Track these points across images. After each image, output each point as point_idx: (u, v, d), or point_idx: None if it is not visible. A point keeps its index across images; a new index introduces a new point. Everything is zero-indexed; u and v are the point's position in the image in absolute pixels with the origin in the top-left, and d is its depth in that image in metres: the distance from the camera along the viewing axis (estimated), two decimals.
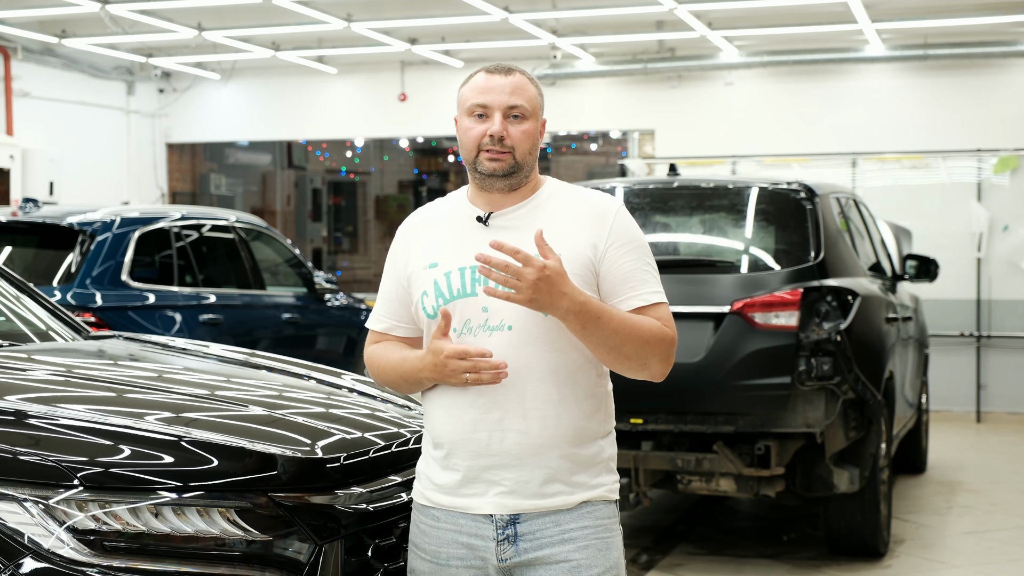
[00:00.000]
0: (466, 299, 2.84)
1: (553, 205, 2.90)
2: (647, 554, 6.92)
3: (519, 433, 2.81)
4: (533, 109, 2.90)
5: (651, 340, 2.79)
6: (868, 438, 6.50)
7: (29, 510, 2.72)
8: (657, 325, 2.82)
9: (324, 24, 12.15)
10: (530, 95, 2.90)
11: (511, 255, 2.66)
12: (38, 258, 7.89)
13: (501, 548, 2.82)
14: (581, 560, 2.81)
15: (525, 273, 2.65)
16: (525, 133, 2.87)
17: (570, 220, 2.87)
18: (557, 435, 2.81)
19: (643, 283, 2.85)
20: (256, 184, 17.47)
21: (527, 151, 2.88)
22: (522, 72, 2.93)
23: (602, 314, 2.74)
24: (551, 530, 2.82)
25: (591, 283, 2.83)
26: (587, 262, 2.83)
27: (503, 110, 2.86)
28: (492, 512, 2.82)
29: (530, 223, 2.85)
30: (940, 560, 6.84)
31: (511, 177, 2.87)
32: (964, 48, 12.34)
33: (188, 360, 4.10)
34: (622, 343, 2.77)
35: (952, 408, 12.45)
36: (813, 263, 6.46)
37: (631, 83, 13.95)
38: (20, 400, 3.15)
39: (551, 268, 2.66)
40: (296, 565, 2.87)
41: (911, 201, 12.60)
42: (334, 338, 9.86)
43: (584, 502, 2.84)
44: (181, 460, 2.88)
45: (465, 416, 2.84)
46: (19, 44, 13.34)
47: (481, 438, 2.82)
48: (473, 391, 2.81)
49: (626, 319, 2.78)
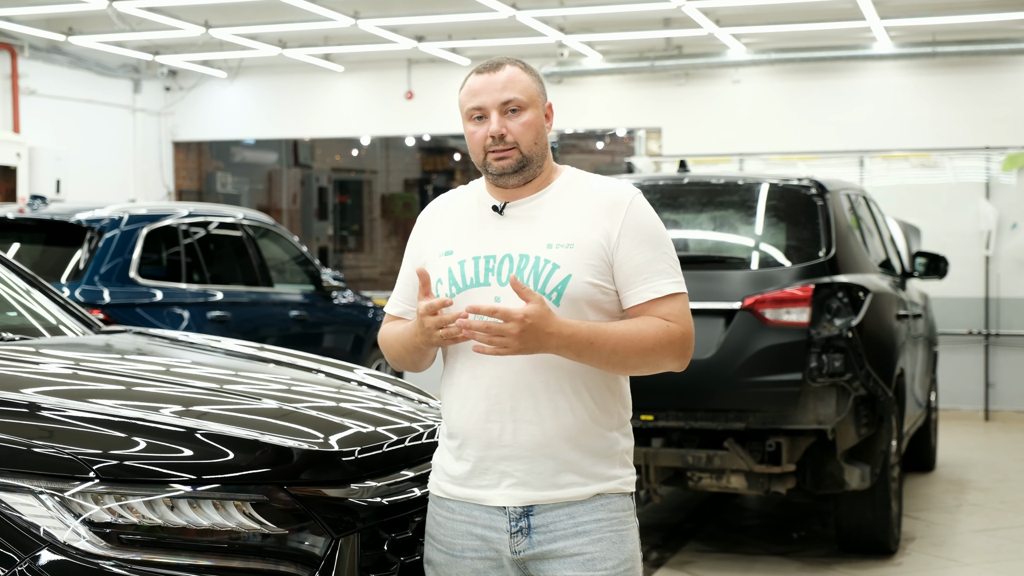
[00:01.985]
0: (479, 288, 2.83)
1: (569, 194, 2.88)
2: (657, 551, 6.90)
3: (531, 424, 2.79)
4: (530, 98, 2.85)
5: (655, 347, 2.76)
6: (879, 435, 6.48)
7: (45, 503, 2.70)
8: (662, 327, 2.78)
9: (331, 22, 12.15)
10: (523, 85, 2.86)
11: (489, 315, 2.63)
12: (46, 255, 7.88)
13: (515, 540, 2.81)
14: (595, 553, 2.79)
15: (507, 329, 2.63)
16: (525, 125, 2.84)
17: (584, 210, 2.84)
18: (569, 427, 2.79)
19: (656, 275, 2.81)
20: (262, 182, 17.47)
21: (531, 141, 2.85)
22: (514, 63, 2.89)
23: (596, 338, 2.71)
24: (565, 522, 2.80)
25: (605, 274, 2.80)
26: (600, 252, 2.80)
27: (498, 107, 2.83)
28: (505, 504, 2.81)
29: (545, 213, 2.84)
30: (951, 558, 6.81)
31: (522, 172, 2.85)
32: (973, 45, 12.31)
33: (200, 354, 4.09)
34: (624, 358, 2.75)
35: (961, 406, 12.42)
36: (824, 259, 6.44)
37: (638, 81, 13.94)
38: (34, 393, 3.13)
39: (532, 315, 2.63)
40: (312, 558, 2.85)
41: (919, 199, 12.56)
42: (341, 335, 9.84)
43: (598, 494, 2.82)
44: (196, 453, 2.87)
45: (478, 406, 2.83)
46: (26, 42, 13.34)
47: (493, 428, 2.81)
48: (487, 382, 2.80)
49: (624, 334, 2.74)
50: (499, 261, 2.82)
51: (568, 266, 2.78)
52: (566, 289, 2.78)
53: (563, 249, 2.79)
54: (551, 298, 2.77)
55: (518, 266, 2.80)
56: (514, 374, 2.79)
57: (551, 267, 2.78)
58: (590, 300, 2.79)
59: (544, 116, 2.90)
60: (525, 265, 2.80)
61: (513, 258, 2.81)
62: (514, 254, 2.82)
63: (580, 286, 2.78)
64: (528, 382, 2.79)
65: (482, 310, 2.65)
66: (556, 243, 2.80)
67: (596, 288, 2.80)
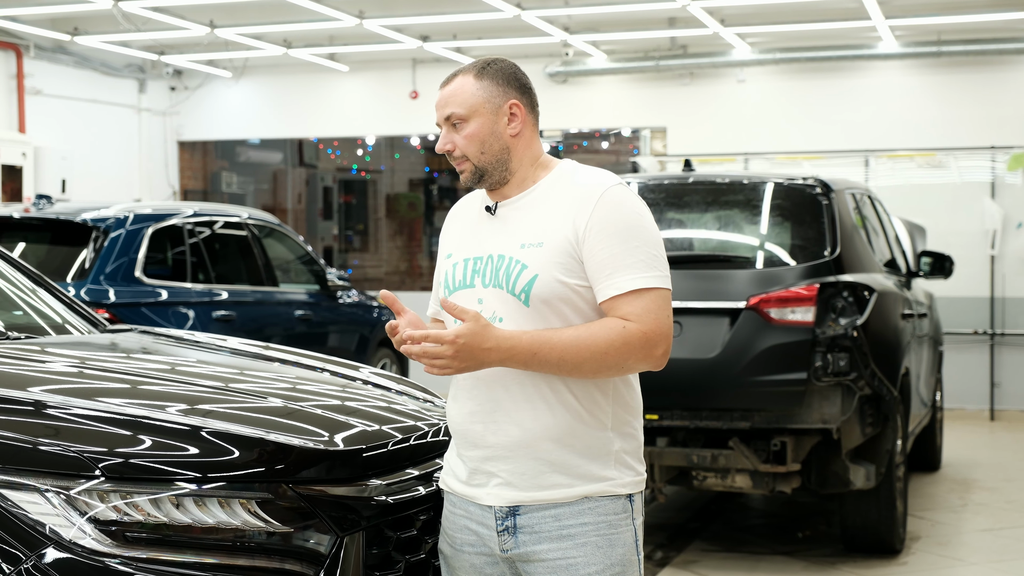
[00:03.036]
0: (465, 290, 2.85)
1: (554, 191, 2.84)
2: (662, 551, 6.90)
3: (511, 425, 2.79)
4: (470, 110, 2.82)
5: (609, 351, 2.69)
6: (884, 434, 6.47)
7: (51, 500, 2.70)
8: (617, 329, 2.70)
9: (336, 21, 12.15)
10: (463, 97, 2.82)
11: (421, 341, 2.65)
12: (51, 254, 7.89)
13: (502, 539, 2.82)
14: (577, 558, 2.77)
15: (441, 352, 2.65)
16: (468, 137, 2.82)
17: (562, 206, 2.80)
18: (551, 426, 2.77)
19: (621, 270, 2.72)
20: (267, 182, 17.48)
21: (478, 152, 2.82)
22: (467, 71, 2.86)
23: (539, 348, 2.68)
24: (549, 524, 2.78)
25: (575, 270, 2.76)
26: (567, 248, 2.75)
27: (444, 123, 2.85)
28: (492, 503, 2.82)
29: (526, 212, 2.84)
30: (956, 557, 6.81)
31: (483, 181, 2.86)
32: (978, 45, 12.30)
33: (205, 353, 4.09)
34: (577, 365, 2.70)
35: (966, 406, 12.41)
36: (829, 259, 6.43)
37: (643, 80, 13.93)
38: (40, 391, 3.14)
39: (463, 334, 2.64)
40: (317, 556, 2.85)
41: (924, 199, 12.55)
42: (346, 335, 9.85)
43: (586, 496, 2.79)
44: (201, 451, 2.87)
45: (464, 407, 2.86)
46: (31, 42, 13.36)
47: (477, 429, 2.83)
48: (471, 381, 2.82)
49: (572, 340, 2.69)
50: (484, 263, 2.84)
51: (535, 265, 2.76)
52: (532, 289, 2.75)
53: (533, 248, 2.78)
54: (520, 299, 2.76)
55: (495, 267, 2.81)
56: (494, 375, 2.78)
57: (520, 267, 2.77)
58: (562, 299, 2.76)
59: (506, 118, 2.84)
60: (501, 266, 2.80)
61: (493, 259, 2.82)
62: (494, 255, 2.83)
63: (548, 285, 2.75)
64: (506, 383, 2.79)
65: (415, 336, 2.66)
66: (528, 242, 2.79)
67: (565, 286, 2.75)
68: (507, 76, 2.86)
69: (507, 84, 2.85)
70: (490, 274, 2.81)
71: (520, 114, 2.86)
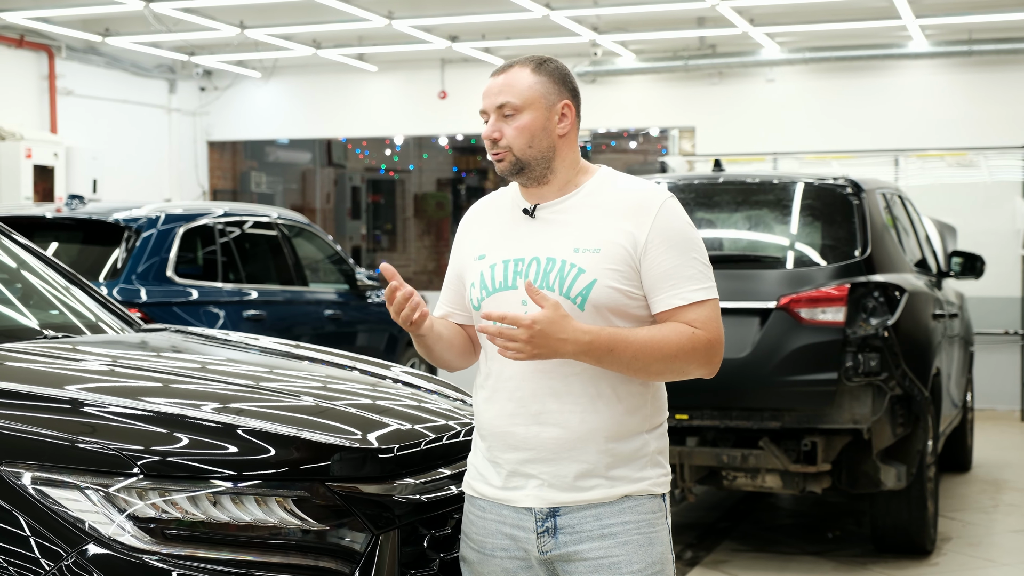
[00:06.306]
0: (507, 291, 2.83)
1: (599, 197, 2.85)
2: (691, 550, 6.90)
3: (556, 427, 2.79)
4: (525, 102, 2.82)
5: (679, 354, 2.73)
6: (915, 435, 6.45)
7: (90, 498, 2.73)
8: (687, 334, 2.74)
9: (365, 22, 12.19)
10: (520, 88, 2.82)
11: (499, 320, 2.64)
12: (83, 254, 7.93)
13: (541, 540, 2.81)
14: (620, 556, 2.78)
15: (517, 335, 2.63)
16: (518, 129, 2.81)
17: (613, 214, 2.81)
18: (595, 430, 2.78)
19: (684, 281, 2.77)
20: (296, 182, 17.55)
21: (525, 145, 2.82)
22: (526, 63, 2.86)
23: (616, 345, 2.69)
24: (591, 524, 2.79)
25: (632, 279, 2.78)
26: (626, 257, 2.77)
27: (495, 111, 2.83)
28: (531, 505, 2.81)
29: (574, 215, 2.83)
30: (988, 558, 6.78)
31: (522, 174, 2.85)
32: (1009, 44, 12.23)
33: (237, 352, 4.12)
34: (647, 365, 2.73)
35: (996, 407, 12.33)
36: (860, 259, 6.42)
37: (672, 80, 13.91)
38: (77, 390, 3.17)
39: (541, 321, 2.62)
40: (352, 554, 2.87)
41: (954, 199, 12.47)
42: (375, 334, 9.88)
43: (626, 496, 2.80)
44: (238, 449, 2.89)
45: (504, 409, 2.84)
46: (63, 43, 13.45)
47: (519, 432, 2.81)
48: (513, 383, 2.81)
49: (647, 340, 2.71)
50: (527, 264, 2.82)
51: (593, 271, 2.77)
52: (590, 294, 2.76)
53: (589, 254, 2.78)
54: (575, 303, 2.76)
55: (544, 269, 2.79)
56: (539, 376, 2.78)
57: (576, 271, 2.77)
58: (615, 305, 2.77)
59: (557, 117, 2.84)
60: (551, 268, 2.79)
61: (540, 261, 2.80)
62: (541, 257, 2.81)
63: (605, 291, 2.76)
64: (553, 385, 2.79)
65: (493, 316, 2.66)
66: (583, 247, 2.78)
67: (621, 294, 2.77)
68: (563, 76, 2.88)
69: (562, 84, 2.87)
70: (538, 276, 2.79)
71: (570, 115, 2.87)
